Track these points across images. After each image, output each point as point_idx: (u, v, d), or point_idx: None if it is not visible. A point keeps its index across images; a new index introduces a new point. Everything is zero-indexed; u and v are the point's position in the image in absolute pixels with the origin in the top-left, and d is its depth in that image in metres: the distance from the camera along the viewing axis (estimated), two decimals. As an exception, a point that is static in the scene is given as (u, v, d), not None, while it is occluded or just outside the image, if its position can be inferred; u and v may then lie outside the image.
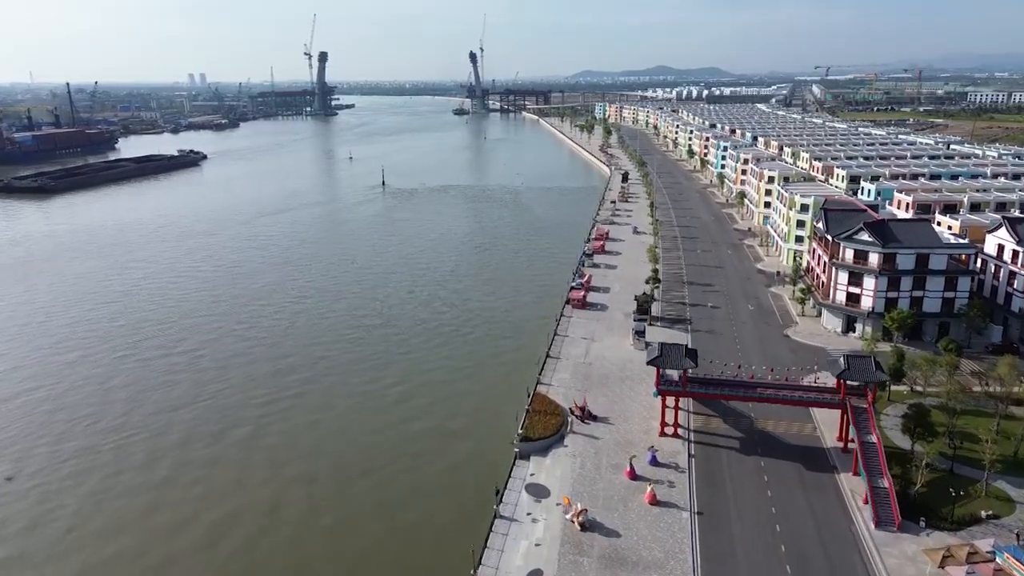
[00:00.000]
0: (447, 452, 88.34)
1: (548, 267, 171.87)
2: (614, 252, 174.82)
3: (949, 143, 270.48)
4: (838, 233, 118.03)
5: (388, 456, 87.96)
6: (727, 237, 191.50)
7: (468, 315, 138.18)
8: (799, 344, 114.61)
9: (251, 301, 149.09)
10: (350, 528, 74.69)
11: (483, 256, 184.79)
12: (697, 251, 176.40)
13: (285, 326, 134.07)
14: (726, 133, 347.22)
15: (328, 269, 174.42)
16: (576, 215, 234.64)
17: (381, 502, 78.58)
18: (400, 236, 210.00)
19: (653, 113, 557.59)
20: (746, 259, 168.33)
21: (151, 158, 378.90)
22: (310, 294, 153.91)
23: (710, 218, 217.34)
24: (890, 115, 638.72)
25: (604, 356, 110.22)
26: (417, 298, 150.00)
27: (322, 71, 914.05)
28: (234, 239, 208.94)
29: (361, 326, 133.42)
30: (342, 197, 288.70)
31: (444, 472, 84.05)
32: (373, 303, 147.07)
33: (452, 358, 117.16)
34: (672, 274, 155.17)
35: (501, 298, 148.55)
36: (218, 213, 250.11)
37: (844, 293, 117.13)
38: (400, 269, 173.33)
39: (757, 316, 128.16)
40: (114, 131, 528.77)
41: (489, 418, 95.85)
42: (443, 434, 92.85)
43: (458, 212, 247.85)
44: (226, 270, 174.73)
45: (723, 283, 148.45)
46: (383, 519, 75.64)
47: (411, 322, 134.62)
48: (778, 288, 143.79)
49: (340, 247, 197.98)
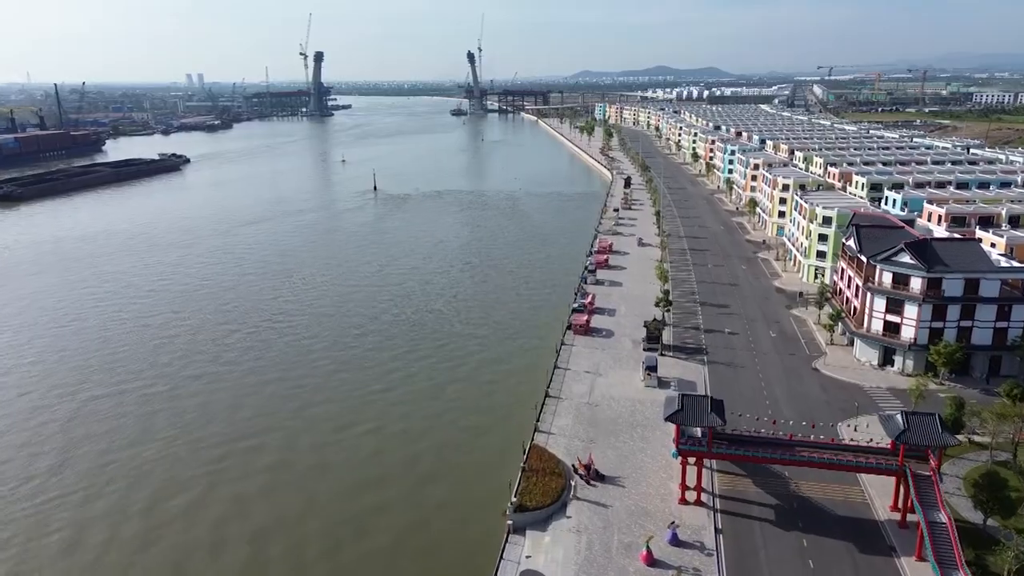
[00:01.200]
0: (424, 527, 73.98)
1: (547, 285, 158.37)
2: (618, 267, 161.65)
3: (968, 147, 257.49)
4: (874, 254, 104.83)
5: (351, 532, 73.55)
6: (739, 249, 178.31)
7: (456, 345, 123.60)
8: (831, 380, 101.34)
9: (216, 328, 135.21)
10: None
11: (476, 274, 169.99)
12: (708, 266, 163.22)
13: (248, 361, 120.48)
14: (732, 136, 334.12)
15: (301, 293, 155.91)
16: (577, 224, 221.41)
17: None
18: (387, 250, 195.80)
19: (654, 114, 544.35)
20: (762, 275, 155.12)
21: (129, 162, 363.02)
22: (280, 320, 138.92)
23: (719, 228, 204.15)
24: (895, 116, 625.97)
25: (611, 395, 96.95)
26: (400, 323, 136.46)
27: (318, 71, 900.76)
28: (210, 251, 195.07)
29: (330, 359, 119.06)
30: (331, 203, 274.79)
31: (419, 554, 70.08)
32: (347, 333, 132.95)
33: (436, 399, 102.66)
34: (683, 293, 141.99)
35: (495, 324, 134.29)
36: (196, 222, 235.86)
37: (881, 322, 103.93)
38: (383, 293, 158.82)
39: (780, 344, 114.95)
40: (100, 133, 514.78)
41: (476, 478, 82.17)
42: (419, 504, 77.63)
43: (451, 221, 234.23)
44: (195, 289, 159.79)
45: (739, 304, 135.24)
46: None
47: (391, 354, 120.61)
48: (801, 311, 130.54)
49: (322, 263, 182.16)
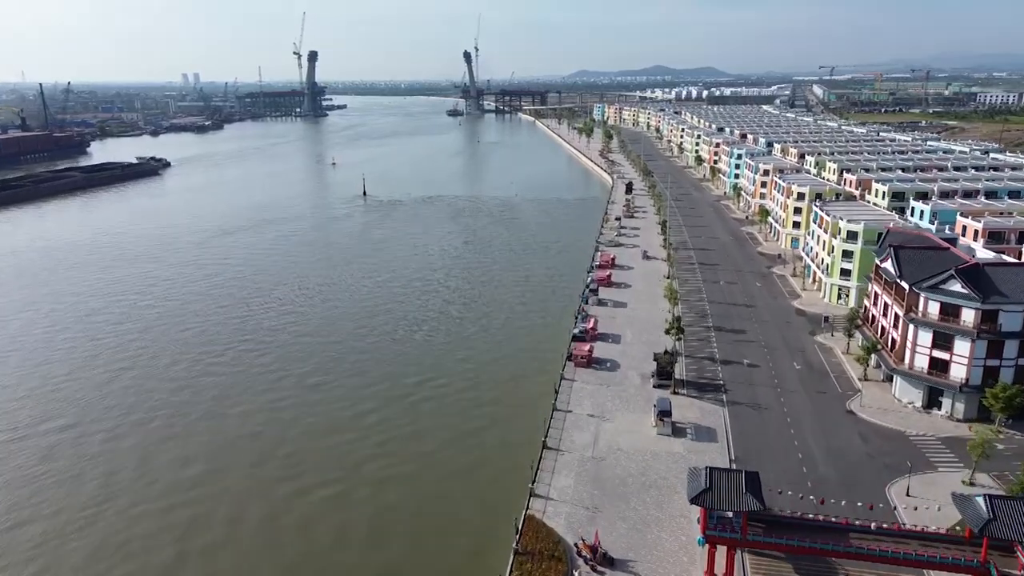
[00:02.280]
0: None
1: (545, 305, 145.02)
2: (622, 284, 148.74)
3: (987, 150, 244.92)
4: (918, 280, 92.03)
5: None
6: (752, 264, 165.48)
7: (441, 380, 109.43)
8: (870, 427, 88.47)
9: (173, 359, 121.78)
10: None
11: (466, 293, 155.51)
12: (720, 283, 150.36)
13: (204, 403, 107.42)
14: (736, 138, 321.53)
15: (270, 317, 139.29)
16: (576, 234, 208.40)
17: None
18: (372, 266, 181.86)
19: (654, 115, 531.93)
20: (779, 295, 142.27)
21: (104, 167, 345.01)
22: (247, 346, 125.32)
23: (729, 238, 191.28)
24: (899, 117, 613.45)
25: (619, 446, 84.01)
26: (378, 350, 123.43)
27: (312, 71, 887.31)
28: (179, 265, 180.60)
29: (293, 400, 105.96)
30: (317, 211, 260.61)
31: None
32: (320, 365, 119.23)
33: (415, 459, 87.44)
34: (695, 315, 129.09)
35: (485, 354, 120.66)
36: (169, 232, 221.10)
37: (926, 358, 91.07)
38: (360, 318, 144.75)
39: (808, 379, 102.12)
40: (85, 134, 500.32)
41: (458, 566, 69.17)
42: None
43: (443, 231, 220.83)
44: (157, 311, 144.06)
45: (757, 329, 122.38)
46: None
47: (364, 387, 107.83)
48: (826, 337, 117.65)
49: (297, 281, 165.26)
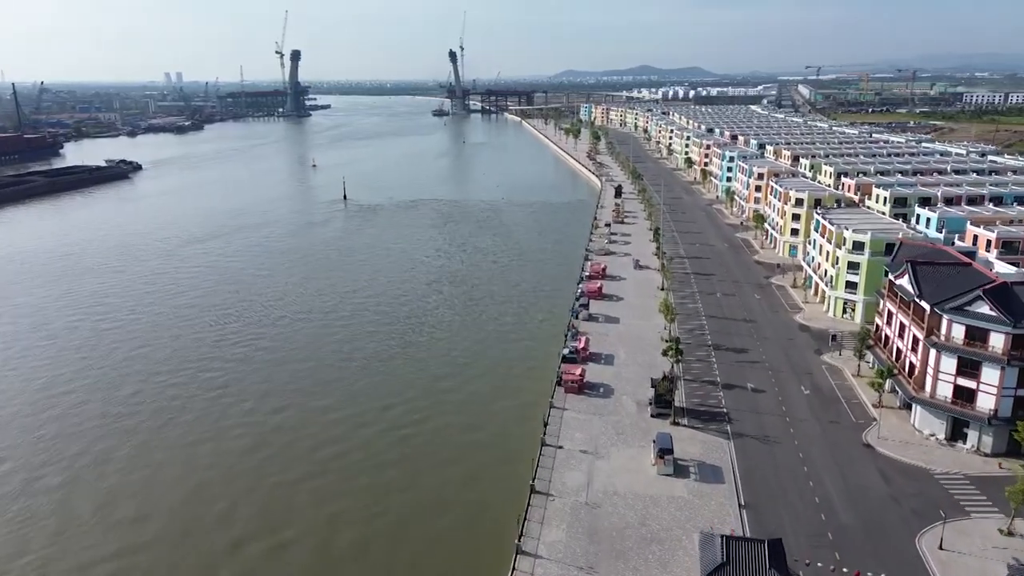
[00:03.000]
0: None
1: (533, 321, 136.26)
2: (614, 297, 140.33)
3: (984, 152, 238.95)
4: (940, 300, 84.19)
5: None
6: (750, 274, 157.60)
7: (416, 409, 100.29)
8: (890, 463, 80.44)
9: (126, 387, 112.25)
10: None
11: (446, 305, 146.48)
12: (717, 295, 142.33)
13: (161, 427, 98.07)
14: (726, 139, 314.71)
15: (234, 338, 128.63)
16: (565, 241, 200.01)
17: None
18: (347, 276, 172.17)
19: (642, 115, 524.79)
20: (780, 308, 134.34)
21: (70, 170, 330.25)
22: (209, 371, 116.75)
23: (723, 246, 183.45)
24: (886, 117, 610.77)
25: (615, 488, 75.50)
26: (348, 370, 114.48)
27: (295, 70, 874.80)
28: (142, 278, 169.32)
29: (246, 440, 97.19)
30: (295, 216, 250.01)
31: None
32: (279, 393, 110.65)
33: (383, 512, 78.46)
34: (692, 332, 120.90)
35: (466, 377, 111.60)
36: (136, 240, 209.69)
37: (950, 386, 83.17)
38: (331, 335, 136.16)
39: (818, 407, 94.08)
40: (58, 135, 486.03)
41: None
42: None
43: (425, 237, 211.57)
44: (111, 333, 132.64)
45: (760, 347, 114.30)
46: None
47: (328, 415, 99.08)
48: (834, 356, 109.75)
49: (269, 294, 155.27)
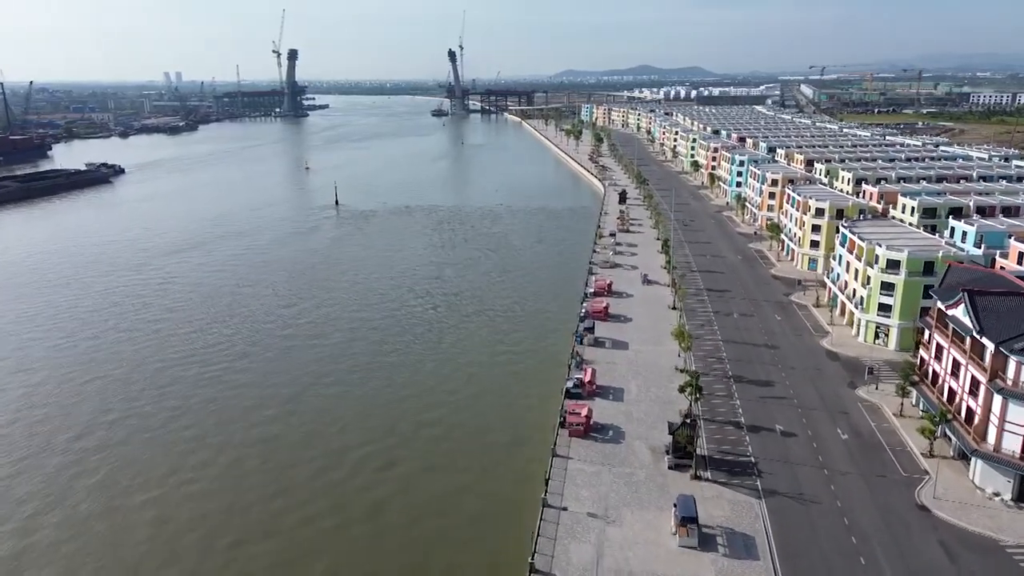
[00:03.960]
0: None
1: (533, 346, 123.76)
2: (622, 317, 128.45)
3: (1008, 157, 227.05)
4: (1006, 338, 72.39)
5: None
6: (768, 290, 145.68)
7: (399, 474, 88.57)
8: (952, 531, 68.60)
9: (71, 425, 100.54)
10: None
11: (437, 327, 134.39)
12: (733, 315, 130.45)
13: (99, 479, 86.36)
14: (734, 141, 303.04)
15: (196, 369, 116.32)
16: (567, 251, 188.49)
17: None
18: (330, 293, 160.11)
19: (645, 116, 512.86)
20: (804, 331, 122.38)
21: (46, 174, 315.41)
22: (166, 410, 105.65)
23: (736, 258, 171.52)
24: (893, 118, 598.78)
25: (630, 567, 63.68)
26: (319, 413, 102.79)
27: (292, 70, 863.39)
28: (108, 294, 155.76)
29: (198, 494, 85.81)
30: (282, 222, 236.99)
31: None
32: (241, 440, 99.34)
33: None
34: (708, 359, 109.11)
35: (458, 426, 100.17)
36: (108, 250, 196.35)
37: (1019, 439, 71.45)
38: (307, 364, 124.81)
39: (859, 455, 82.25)
40: (46, 136, 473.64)
41: None
42: None
43: (418, 245, 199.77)
44: (65, 361, 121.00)
45: (785, 379, 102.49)
46: None
47: (297, 501, 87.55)
48: (870, 391, 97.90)
49: (244, 313, 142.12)
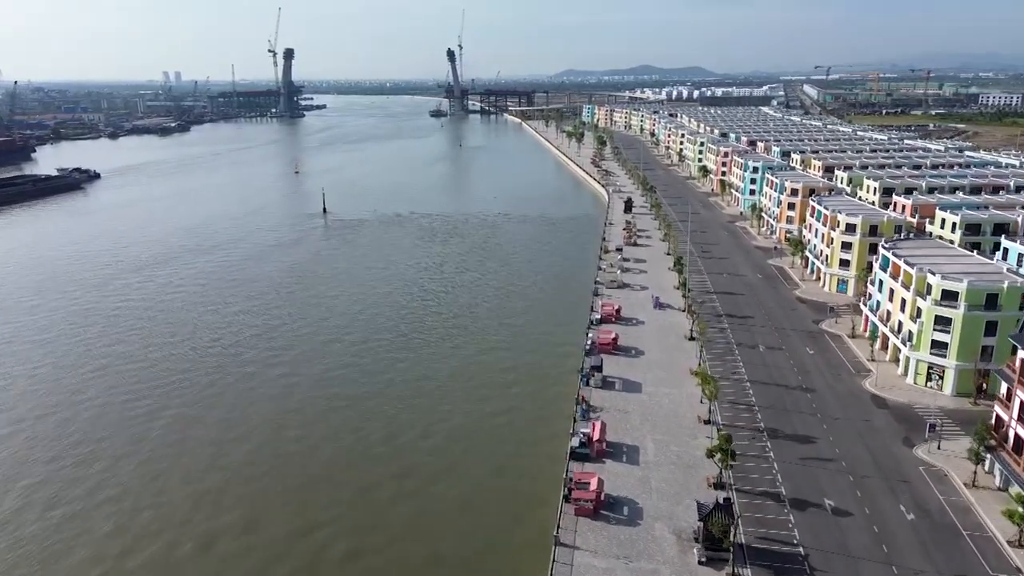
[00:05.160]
0: None
1: (529, 388, 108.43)
2: (632, 351, 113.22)
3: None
4: None
5: None
6: (794, 317, 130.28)
7: (362, 567, 74.63)
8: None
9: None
10: None
11: (420, 367, 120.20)
12: (759, 347, 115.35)
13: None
14: (744, 145, 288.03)
15: (142, 415, 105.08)
16: (571, 268, 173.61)
17: None
18: (302, 319, 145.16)
19: (649, 117, 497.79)
20: (842, 368, 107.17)
21: (12, 181, 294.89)
22: (79, 470, 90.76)
23: (756, 277, 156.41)
24: (902, 119, 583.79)
25: None
26: (273, 483, 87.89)
27: (288, 69, 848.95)
28: (54, 321, 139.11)
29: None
30: (263, 233, 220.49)
31: None
32: (186, 514, 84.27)
33: None
34: (735, 405, 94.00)
35: (435, 500, 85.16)
36: (67, 266, 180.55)
37: None
38: (262, 407, 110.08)
39: (931, 543, 67.08)
40: (31, 138, 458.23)
41: None
42: None
43: (407, 260, 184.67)
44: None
45: (829, 433, 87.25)
46: None
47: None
48: (932, 452, 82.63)
49: (204, 345, 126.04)
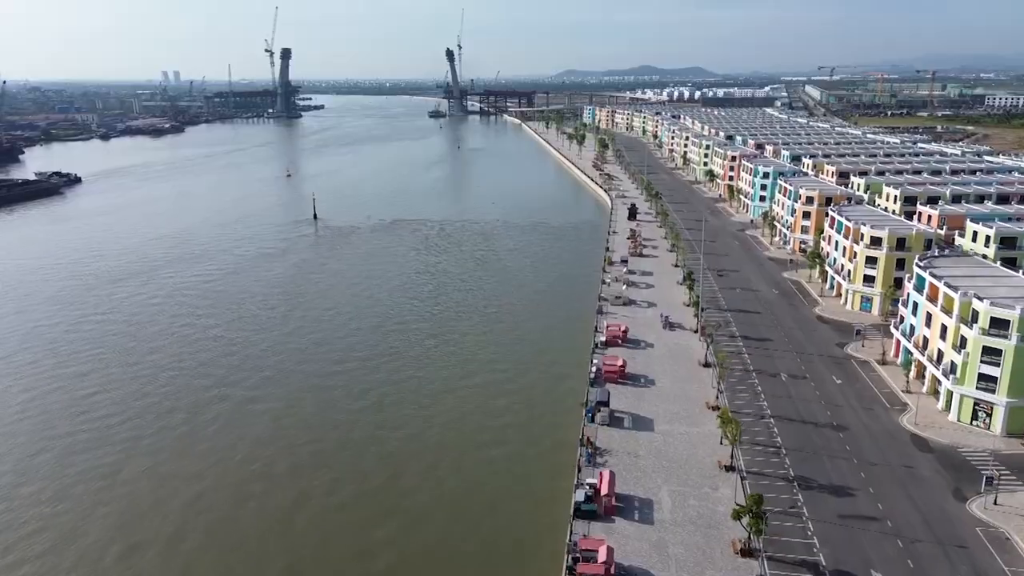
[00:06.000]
0: None
1: (526, 433, 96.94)
2: (641, 379, 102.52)
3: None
4: None
5: None
6: (817, 339, 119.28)
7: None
8: None
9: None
10: None
11: (404, 409, 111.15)
12: (781, 376, 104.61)
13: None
14: (751, 148, 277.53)
15: (76, 471, 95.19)
16: (572, 281, 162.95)
17: None
18: (279, 347, 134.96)
19: (651, 119, 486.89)
20: (875, 402, 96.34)
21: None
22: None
23: (771, 292, 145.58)
24: (908, 121, 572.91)
25: None
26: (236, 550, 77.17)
27: (285, 69, 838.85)
28: (16, 339, 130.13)
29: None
30: (250, 241, 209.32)
31: None
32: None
33: None
34: (759, 448, 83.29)
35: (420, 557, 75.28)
36: (36, 279, 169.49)
37: None
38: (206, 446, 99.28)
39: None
40: (17, 140, 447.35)
41: None
42: None
43: (397, 272, 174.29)
44: None
45: (869, 485, 76.43)
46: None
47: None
48: (989, 508, 71.98)
49: (165, 379, 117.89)
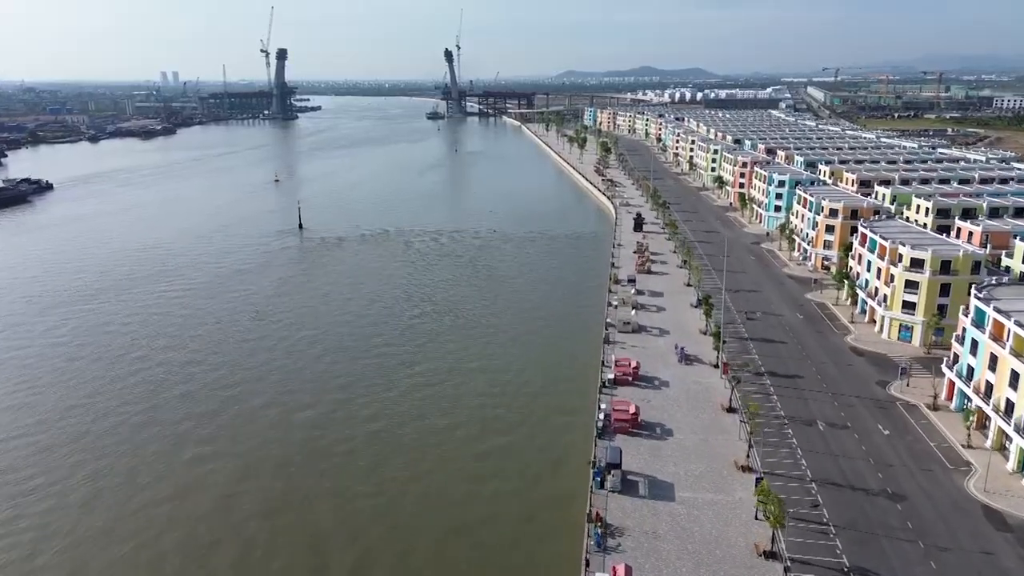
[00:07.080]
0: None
1: (526, 506, 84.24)
2: (657, 429, 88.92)
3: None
4: None
5: None
6: (854, 377, 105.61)
7: None
8: None
9: None
10: None
11: (383, 470, 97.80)
12: (818, 426, 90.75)
13: None
14: (762, 153, 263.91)
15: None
16: (574, 303, 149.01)
17: None
18: (240, 379, 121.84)
19: (654, 121, 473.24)
20: (932, 459, 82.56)
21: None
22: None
23: (795, 317, 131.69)
24: (916, 123, 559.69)
25: None
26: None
27: (281, 70, 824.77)
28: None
29: None
30: (228, 255, 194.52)
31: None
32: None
33: None
34: (804, 533, 69.74)
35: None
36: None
37: None
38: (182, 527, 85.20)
39: None
40: (1, 142, 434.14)
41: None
42: None
43: (386, 288, 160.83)
44: None
45: (938, 569, 63.19)
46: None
47: None
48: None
49: (106, 428, 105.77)
